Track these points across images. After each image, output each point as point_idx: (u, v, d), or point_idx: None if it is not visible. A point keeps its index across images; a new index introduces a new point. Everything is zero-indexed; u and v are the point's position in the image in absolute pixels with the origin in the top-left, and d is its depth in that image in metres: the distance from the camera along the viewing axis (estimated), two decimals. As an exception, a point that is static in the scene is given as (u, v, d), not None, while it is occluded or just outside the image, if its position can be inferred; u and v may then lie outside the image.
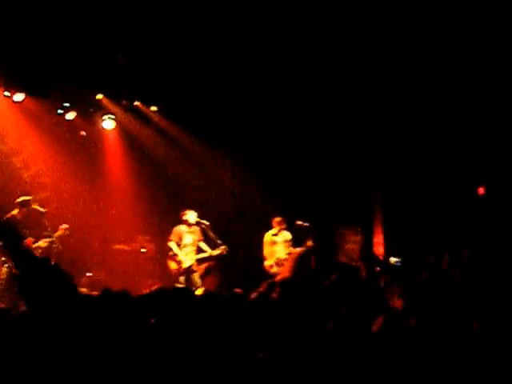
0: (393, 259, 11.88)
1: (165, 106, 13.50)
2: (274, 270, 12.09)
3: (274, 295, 6.29)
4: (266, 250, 12.42)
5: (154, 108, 13.69)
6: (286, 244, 12.41)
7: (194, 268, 11.63)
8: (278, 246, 12.39)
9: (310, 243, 11.83)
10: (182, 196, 13.84)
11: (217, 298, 5.41)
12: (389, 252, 13.60)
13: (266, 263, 12.34)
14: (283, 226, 12.43)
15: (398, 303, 5.94)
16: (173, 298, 4.91)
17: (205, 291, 8.14)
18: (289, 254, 12.05)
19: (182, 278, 11.47)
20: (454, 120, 13.50)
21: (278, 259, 12.20)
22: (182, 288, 7.38)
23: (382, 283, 7.81)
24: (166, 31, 11.62)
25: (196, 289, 9.95)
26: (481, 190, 14.36)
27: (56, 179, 12.86)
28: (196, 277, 11.64)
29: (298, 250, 11.71)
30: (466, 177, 14.03)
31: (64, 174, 12.98)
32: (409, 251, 12.24)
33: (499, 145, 13.51)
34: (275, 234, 12.47)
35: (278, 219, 12.47)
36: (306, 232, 12.13)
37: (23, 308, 5.36)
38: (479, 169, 13.97)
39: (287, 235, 12.48)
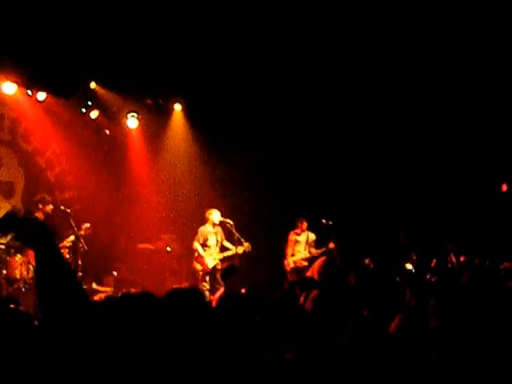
0: (408, 266, 11.83)
1: (190, 105, 13.60)
2: (291, 266, 12.32)
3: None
4: (288, 249, 12.54)
5: (178, 106, 13.80)
6: (308, 245, 12.50)
7: (218, 267, 11.69)
8: (299, 246, 12.50)
9: (332, 245, 12.01)
10: (206, 195, 13.90)
11: (238, 297, 5.42)
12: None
13: (286, 261, 12.47)
14: (306, 226, 12.53)
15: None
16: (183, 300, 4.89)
17: (225, 290, 8.22)
18: (309, 253, 12.29)
19: (207, 278, 11.54)
20: (476, 116, 13.47)
21: (296, 260, 12.34)
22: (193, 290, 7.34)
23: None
24: (188, 31, 11.75)
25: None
26: (504, 187, 14.27)
27: (80, 178, 13.05)
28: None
29: (318, 251, 12.12)
30: (488, 174, 13.96)
31: (88, 173, 13.14)
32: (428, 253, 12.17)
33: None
34: (298, 234, 12.56)
35: (301, 219, 12.57)
36: (329, 231, 12.23)
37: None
38: (502, 165, 13.90)
39: (311, 236, 12.57)
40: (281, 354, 4.37)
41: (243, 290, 6.84)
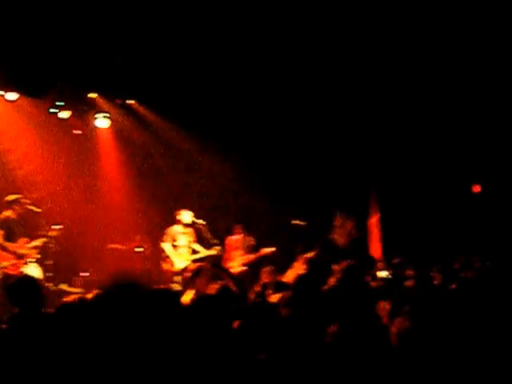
0: (383, 273, 11.90)
1: (160, 104, 13.62)
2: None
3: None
4: (225, 254, 12.63)
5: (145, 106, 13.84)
6: (246, 249, 12.66)
7: (190, 268, 11.72)
8: (237, 251, 12.68)
9: (264, 251, 12.31)
10: (178, 195, 13.97)
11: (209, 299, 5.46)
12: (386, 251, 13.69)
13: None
14: (242, 231, 12.72)
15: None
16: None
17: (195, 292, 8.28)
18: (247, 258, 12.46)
19: (178, 278, 11.61)
20: (451, 117, 13.69)
21: (233, 265, 12.39)
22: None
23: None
24: (161, 29, 11.75)
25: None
26: (477, 188, 14.51)
27: (50, 178, 13.03)
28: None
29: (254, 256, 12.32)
30: (461, 174, 14.19)
31: (58, 173, 13.16)
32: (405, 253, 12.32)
33: (495, 142, 13.68)
34: (235, 239, 12.71)
35: (237, 225, 12.75)
36: (302, 231, 12.36)
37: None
38: (475, 166, 14.13)
39: (248, 240, 12.72)
40: (255, 355, 4.51)
41: (212, 291, 6.93)
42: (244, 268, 12.30)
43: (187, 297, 7.95)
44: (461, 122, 13.75)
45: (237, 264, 12.46)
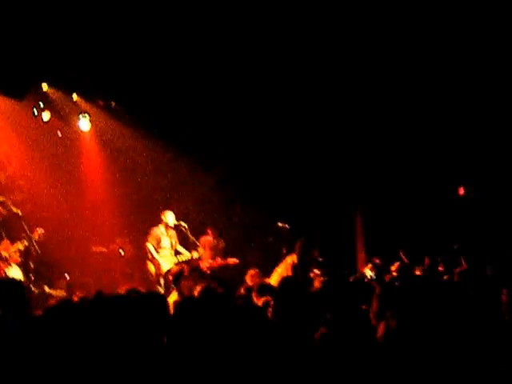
0: (368, 272, 11.93)
1: (142, 106, 13.58)
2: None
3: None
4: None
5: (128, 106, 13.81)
6: (216, 252, 12.76)
7: (173, 270, 11.70)
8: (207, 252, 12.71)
9: (232, 261, 12.41)
10: (162, 198, 13.97)
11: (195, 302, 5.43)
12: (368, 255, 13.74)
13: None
14: (214, 234, 12.82)
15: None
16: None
17: (178, 294, 8.28)
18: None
19: (161, 281, 11.60)
20: (434, 120, 13.77)
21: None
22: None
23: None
24: (144, 31, 11.73)
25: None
26: (461, 191, 14.56)
27: (32, 181, 12.98)
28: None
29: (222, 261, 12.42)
30: (446, 177, 14.25)
31: (40, 175, 13.08)
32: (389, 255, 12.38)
33: (479, 144, 13.76)
34: (206, 240, 12.78)
35: (210, 228, 12.84)
36: (286, 234, 12.39)
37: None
38: (459, 169, 14.19)
39: (218, 244, 12.76)
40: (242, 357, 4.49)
41: (196, 294, 6.97)
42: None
43: (171, 299, 7.97)
44: (446, 125, 13.78)
45: (204, 265, 12.47)
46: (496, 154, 13.78)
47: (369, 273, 11.77)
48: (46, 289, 11.52)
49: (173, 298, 8.24)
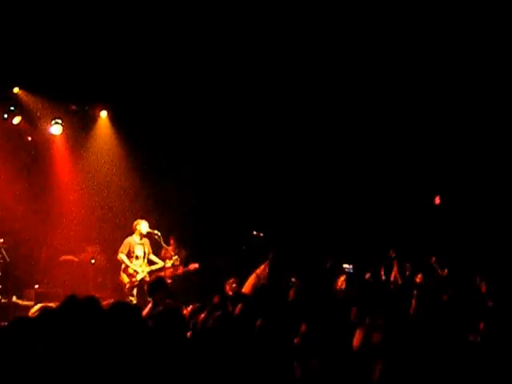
0: (346, 265, 11.99)
1: (117, 111, 13.43)
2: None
3: (235, 311, 6.36)
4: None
5: (103, 113, 13.67)
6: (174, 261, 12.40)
7: (146, 280, 11.55)
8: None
9: (192, 266, 12.23)
10: (133, 205, 13.78)
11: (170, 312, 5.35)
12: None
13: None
14: (174, 242, 12.59)
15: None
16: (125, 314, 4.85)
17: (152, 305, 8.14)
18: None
19: (134, 291, 11.40)
20: (410, 129, 13.78)
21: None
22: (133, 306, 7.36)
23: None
24: (121, 33, 11.64)
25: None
26: (436, 200, 14.61)
27: (-1, 187, 12.75)
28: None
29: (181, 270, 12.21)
30: (422, 186, 14.28)
31: (8, 181, 12.79)
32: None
33: (454, 153, 13.80)
34: (167, 249, 12.47)
35: (172, 236, 12.62)
36: (260, 242, 12.32)
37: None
38: (435, 178, 14.24)
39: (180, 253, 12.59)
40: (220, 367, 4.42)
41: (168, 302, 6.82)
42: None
43: (145, 310, 7.84)
44: (423, 135, 13.81)
45: (166, 274, 12.26)
46: (473, 162, 13.79)
47: (348, 265, 11.81)
48: (14, 299, 11.30)
49: (148, 308, 8.09)
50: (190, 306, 7.64)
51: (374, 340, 5.10)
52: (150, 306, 8.24)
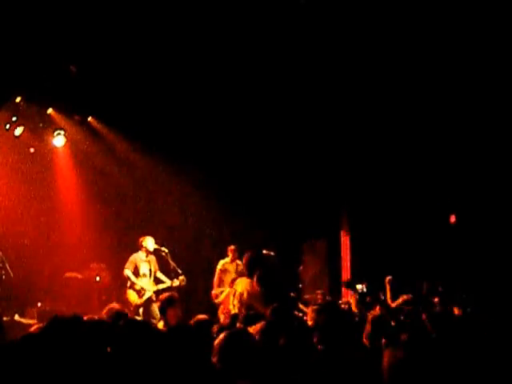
0: (359, 286, 11.79)
1: (120, 122, 13.23)
2: (220, 299, 11.91)
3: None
4: (215, 278, 12.26)
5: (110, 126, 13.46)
6: (238, 274, 12.15)
7: (153, 299, 11.27)
8: (228, 276, 12.19)
9: None
10: (140, 221, 13.55)
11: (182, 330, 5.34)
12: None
13: (213, 292, 12.17)
14: (236, 254, 12.25)
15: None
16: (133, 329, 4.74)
17: (165, 324, 7.91)
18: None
19: (140, 311, 11.11)
20: (425, 146, 13.60)
21: (222, 291, 12.00)
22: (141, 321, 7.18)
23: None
24: (122, 42, 11.45)
25: (157, 321, 9.62)
26: (452, 218, 14.42)
27: (1, 200, 12.46)
28: (156, 308, 11.18)
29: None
30: (437, 204, 14.04)
31: (10, 194, 12.60)
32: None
33: (470, 171, 13.59)
34: (227, 262, 12.24)
35: (232, 247, 12.27)
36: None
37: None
38: (451, 196, 14.03)
39: (241, 264, 12.29)
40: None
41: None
42: None
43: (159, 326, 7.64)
44: (437, 151, 13.60)
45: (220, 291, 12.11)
46: (488, 180, 13.58)
47: (360, 286, 11.57)
48: (17, 317, 11.07)
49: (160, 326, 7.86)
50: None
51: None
52: (162, 323, 8.05)
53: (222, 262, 12.36)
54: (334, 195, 14.58)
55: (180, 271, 11.58)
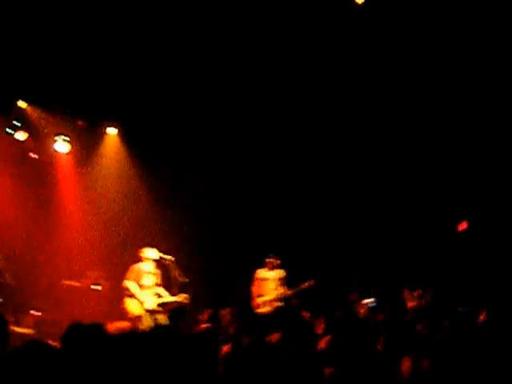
0: (367, 301, 11.72)
1: (126, 128, 13.14)
2: (261, 310, 11.84)
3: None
4: (255, 288, 12.13)
5: (113, 130, 13.35)
6: (279, 282, 12.12)
7: (158, 310, 11.08)
8: (268, 284, 12.11)
9: (306, 284, 11.90)
10: (140, 229, 13.42)
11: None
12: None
13: (256, 301, 12.08)
14: (277, 263, 12.16)
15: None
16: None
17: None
18: (281, 293, 11.95)
19: (144, 321, 10.90)
20: (435, 152, 13.52)
21: (266, 300, 11.89)
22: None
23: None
24: (128, 45, 11.43)
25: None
26: (463, 225, 14.27)
27: (1, 205, 12.37)
28: (163, 319, 10.95)
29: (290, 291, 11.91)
30: (445, 211, 13.92)
31: (10, 199, 12.52)
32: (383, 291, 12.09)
33: (480, 177, 13.48)
34: (267, 271, 12.20)
35: (271, 256, 12.24)
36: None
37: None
38: (460, 203, 13.91)
39: (280, 272, 12.19)
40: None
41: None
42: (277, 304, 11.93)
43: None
44: (445, 157, 13.51)
45: (267, 300, 12.05)
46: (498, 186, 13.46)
47: (369, 300, 11.50)
48: (12, 326, 10.86)
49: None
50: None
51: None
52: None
53: (260, 271, 12.27)
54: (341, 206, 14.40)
55: (186, 280, 11.40)
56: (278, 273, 12.22)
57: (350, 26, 11.46)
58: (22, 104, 12.09)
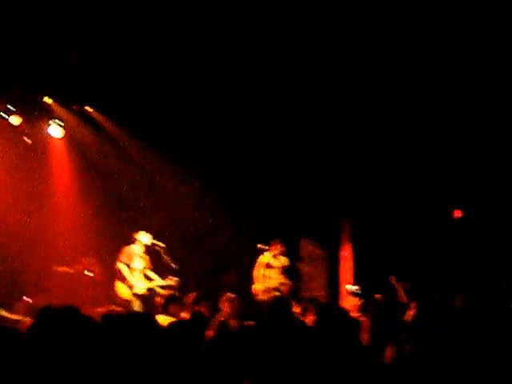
0: (351, 287, 11.77)
1: (120, 112, 13.11)
2: (261, 297, 11.86)
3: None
4: (258, 273, 12.13)
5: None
6: (281, 270, 12.19)
7: (146, 295, 11.13)
8: (271, 271, 12.15)
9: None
10: (134, 214, 13.47)
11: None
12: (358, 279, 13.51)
13: (255, 287, 12.06)
14: (282, 250, 12.15)
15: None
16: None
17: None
18: (282, 284, 12.01)
19: (136, 304, 10.97)
20: (428, 140, 13.55)
21: (267, 287, 11.91)
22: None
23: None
24: (123, 29, 11.36)
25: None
26: (457, 213, 14.36)
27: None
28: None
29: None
30: (440, 199, 13.99)
31: (2, 184, 12.47)
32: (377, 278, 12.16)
33: (475, 165, 13.53)
34: (272, 257, 12.23)
35: (275, 240, 12.24)
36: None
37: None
38: (455, 191, 13.96)
39: (284, 260, 12.17)
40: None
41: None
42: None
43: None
44: (440, 145, 13.57)
45: (270, 287, 12.13)
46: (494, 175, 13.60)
47: (354, 287, 11.55)
48: (3, 312, 10.88)
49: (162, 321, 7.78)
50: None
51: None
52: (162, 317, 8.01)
53: (264, 255, 12.31)
54: (334, 195, 14.43)
55: (175, 266, 11.49)
56: (283, 261, 12.26)
57: (351, 26, 11.43)
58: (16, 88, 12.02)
